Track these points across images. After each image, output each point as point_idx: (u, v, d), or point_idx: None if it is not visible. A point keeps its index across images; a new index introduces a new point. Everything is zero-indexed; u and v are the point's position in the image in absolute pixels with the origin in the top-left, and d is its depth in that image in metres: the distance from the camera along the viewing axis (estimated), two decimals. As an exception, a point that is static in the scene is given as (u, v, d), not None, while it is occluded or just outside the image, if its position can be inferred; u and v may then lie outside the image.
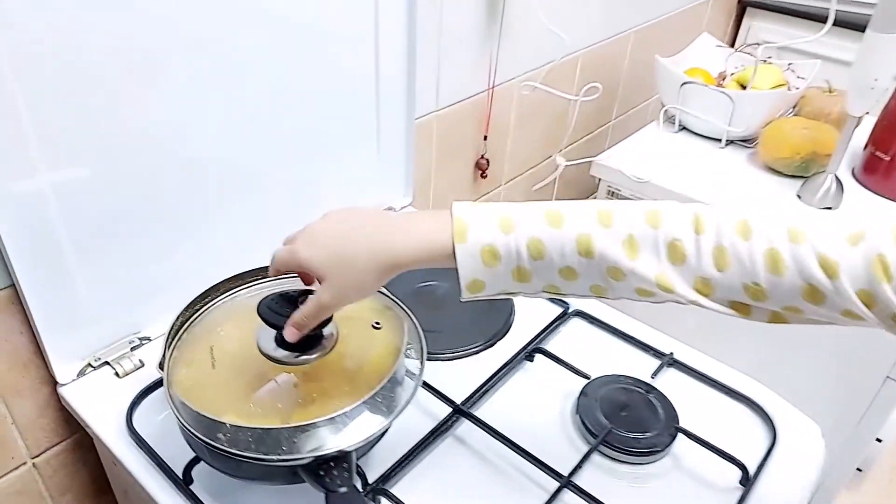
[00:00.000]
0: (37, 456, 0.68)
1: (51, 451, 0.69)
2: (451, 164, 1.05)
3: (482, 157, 1.08)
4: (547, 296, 0.49)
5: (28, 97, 0.52)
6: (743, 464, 0.60)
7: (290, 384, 0.55)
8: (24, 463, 0.67)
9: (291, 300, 0.52)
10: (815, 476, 0.63)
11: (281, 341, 0.53)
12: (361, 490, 0.56)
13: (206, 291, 0.61)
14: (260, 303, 0.52)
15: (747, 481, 0.60)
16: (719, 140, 1.20)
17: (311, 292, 0.51)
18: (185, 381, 0.55)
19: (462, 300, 0.49)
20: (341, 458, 0.48)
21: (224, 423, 0.49)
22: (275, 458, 0.47)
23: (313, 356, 0.54)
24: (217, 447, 0.48)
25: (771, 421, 0.66)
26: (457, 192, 1.10)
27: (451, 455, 0.62)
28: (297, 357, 0.53)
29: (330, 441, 0.50)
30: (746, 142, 1.21)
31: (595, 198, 1.19)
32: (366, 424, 0.51)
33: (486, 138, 1.06)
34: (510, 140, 1.15)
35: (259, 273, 0.64)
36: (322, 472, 0.46)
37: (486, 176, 1.10)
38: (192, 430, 0.49)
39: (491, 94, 1.01)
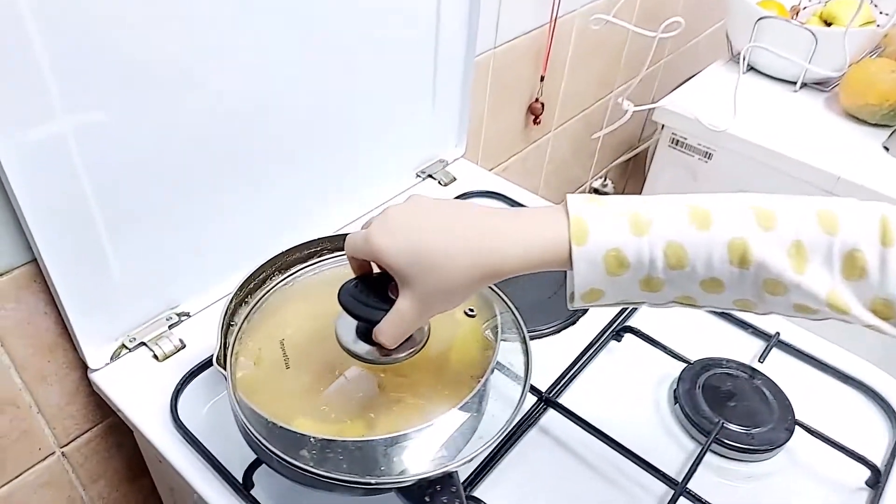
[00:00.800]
0: (66, 445, 0.60)
1: (81, 439, 0.61)
2: (504, 110, 0.94)
3: (536, 100, 0.97)
4: (675, 306, 0.40)
5: (50, 47, 0.42)
6: (874, 464, 0.53)
7: (371, 383, 0.47)
8: (53, 453, 0.60)
9: (377, 286, 0.43)
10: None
11: (364, 334, 0.44)
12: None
13: (259, 268, 0.52)
14: (340, 289, 0.43)
15: (877, 483, 0.53)
16: (793, 83, 1.09)
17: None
18: (247, 377, 0.47)
19: (570, 308, 0.40)
20: (447, 479, 0.40)
21: (307, 437, 0.41)
22: (372, 481, 0.40)
23: (403, 354, 0.45)
24: (301, 468, 0.40)
25: (892, 409, 0.59)
26: (507, 140, 0.99)
27: (536, 449, 0.55)
28: (384, 355, 0.44)
29: (430, 453, 0.42)
30: (821, 85, 1.10)
31: (656, 148, 1.08)
32: (469, 433, 0.43)
33: (542, 79, 0.95)
34: (564, 82, 1.04)
35: (318, 244, 0.55)
36: (427, 499, 0.38)
37: (539, 122, 1.00)
38: (266, 447, 0.41)
39: (552, 28, 0.89)
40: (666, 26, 0.83)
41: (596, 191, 1.36)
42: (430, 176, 0.81)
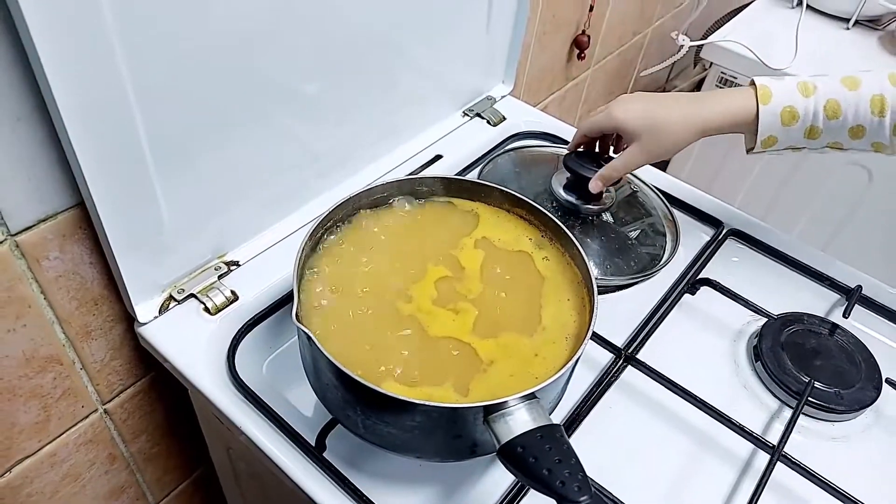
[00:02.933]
0: (108, 402, 0.57)
1: (123, 395, 0.58)
2: (551, 43, 0.88)
3: (583, 32, 0.90)
4: (827, 151, 0.54)
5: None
6: (967, 426, 0.51)
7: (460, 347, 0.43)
8: (95, 410, 0.56)
9: (595, 157, 0.60)
10: None
11: (574, 188, 0.60)
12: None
13: (328, 215, 0.47)
14: (566, 156, 0.60)
15: (970, 442, 0.51)
16: (845, 20, 1.03)
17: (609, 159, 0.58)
18: (323, 333, 0.43)
19: (750, 153, 0.56)
20: (556, 439, 0.36)
21: (405, 401, 0.37)
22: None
23: (598, 206, 0.60)
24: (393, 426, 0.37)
25: (981, 370, 0.57)
26: (549, 76, 0.93)
27: (617, 409, 0.52)
28: (584, 204, 0.60)
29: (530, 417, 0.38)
30: (874, 23, 1.04)
31: (700, 88, 1.02)
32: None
33: (591, 9, 0.88)
34: (608, 12, 0.97)
35: (385, 189, 0.50)
36: (546, 469, 0.35)
37: (583, 57, 0.93)
38: (344, 391, 0.38)
39: (607, -46, 0.82)
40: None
41: (624, 132, 1.30)
42: (479, 115, 0.75)
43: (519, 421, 0.38)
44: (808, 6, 1.06)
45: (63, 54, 0.36)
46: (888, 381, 0.54)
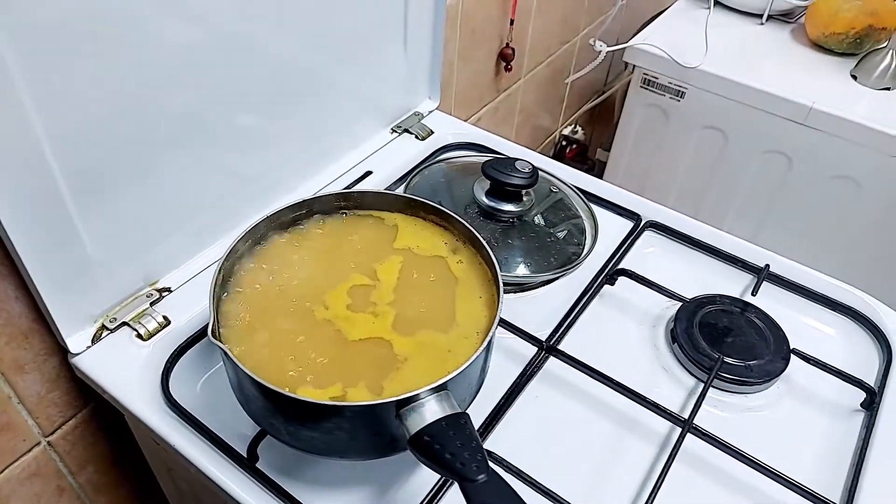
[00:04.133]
0: (51, 434, 0.58)
1: (66, 426, 0.59)
2: (474, 57, 0.91)
3: (507, 45, 0.94)
4: None
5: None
6: (869, 386, 0.55)
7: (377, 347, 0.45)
8: (38, 444, 0.57)
9: (510, 163, 0.63)
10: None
11: (494, 193, 0.64)
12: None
13: (245, 234, 0.49)
14: (484, 164, 0.63)
15: (872, 404, 0.55)
16: (759, 16, 1.08)
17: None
18: (240, 347, 0.45)
19: None
20: (460, 426, 0.39)
21: (317, 404, 0.39)
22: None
23: (516, 209, 0.64)
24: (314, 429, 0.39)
25: (882, 333, 0.60)
26: (477, 90, 0.97)
27: (540, 398, 0.55)
28: (505, 207, 0.64)
29: (441, 408, 0.41)
30: (787, 16, 1.09)
31: (626, 91, 1.07)
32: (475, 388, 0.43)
33: (512, 23, 0.92)
34: (531, 25, 1.01)
35: (299, 208, 0.53)
36: (449, 454, 0.37)
37: (510, 69, 0.97)
38: (273, 417, 0.40)
39: (520, -31, 0.86)
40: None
41: (566, 138, 1.35)
42: (407, 131, 0.78)
43: (428, 412, 0.40)
44: (721, 4, 1.12)
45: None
46: (794, 352, 0.57)
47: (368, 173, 0.72)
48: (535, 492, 0.47)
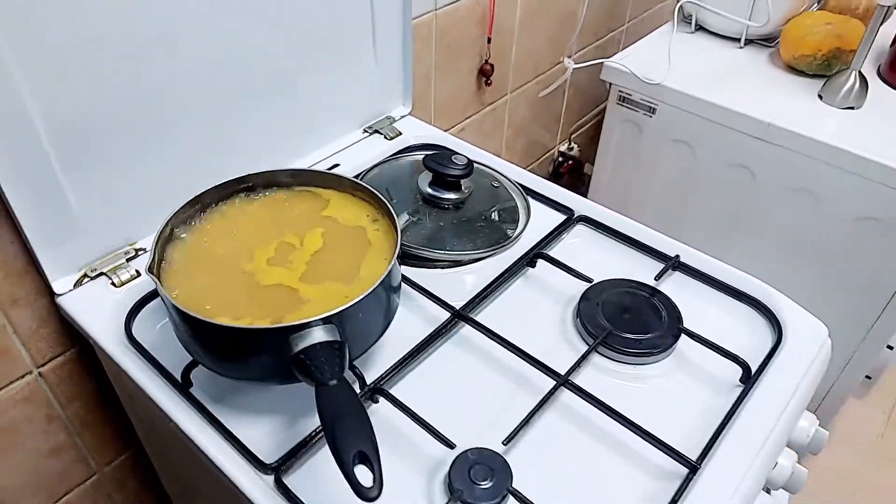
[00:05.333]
0: (42, 365, 0.68)
1: (55, 361, 0.70)
2: (453, 71, 1.01)
3: (486, 62, 1.03)
4: None
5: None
6: (745, 361, 0.59)
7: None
8: (30, 372, 0.68)
9: (448, 157, 0.72)
10: (818, 376, 0.62)
11: (435, 183, 0.73)
12: (360, 390, 0.56)
13: (194, 198, 0.59)
14: (424, 157, 0.72)
15: (748, 379, 0.59)
16: (738, 40, 1.14)
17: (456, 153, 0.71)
18: (178, 285, 0.54)
19: None
20: (333, 350, 0.47)
21: (219, 325, 0.48)
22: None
23: (454, 197, 0.73)
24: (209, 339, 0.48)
25: (777, 320, 0.65)
26: (460, 102, 1.06)
27: (450, 358, 0.62)
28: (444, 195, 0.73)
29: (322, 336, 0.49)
30: (767, 41, 1.14)
31: (606, 106, 1.14)
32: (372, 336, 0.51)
33: (489, 41, 1.01)
34: (515, 44, 1.10)
35: (245, 181, 0.62)
36: (314, 366, 0.45)
37: (490, 83, 1.06)
38: (185, 327, 0.49)
39: (493, -8, 0.95)
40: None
41: (563, 154, 1.42)
42: (377, 131, 0.88)
43: (312, 338, 0.48)
44: (704, 29, 1.17)
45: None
46: (685, 331, 0.63)
47: (336, 165, 0.82)
48: (417, 425, 0.54)
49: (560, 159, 1.42)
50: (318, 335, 0.48)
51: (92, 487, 0.81)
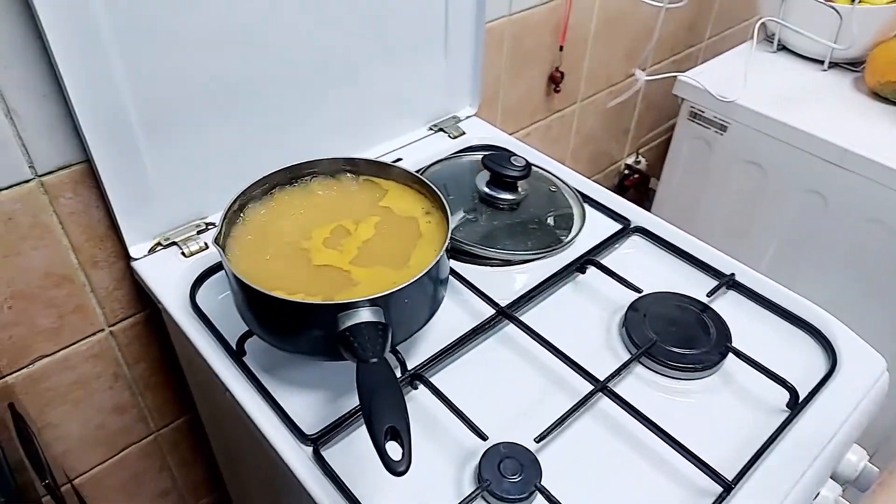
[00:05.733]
0: (113, 325, 0.74)
1: (126, 322, 0.75)
2: (523, 76, 1.02)
3: (556, 69, 1.04)
4: None
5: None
6: (793, 386, 0.58)
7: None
8: (102, 329, 0.73)
9: (507, 158, 0.73)
10: (872, 410, 0.60)
11: (492, 182, 0.74)
12: (400, 375, 0.58)
13: (262, 178, 0.63)
14: (483, 157, 0.74)
15: (795, 405, 0.58)
16: (821, 62, 1.10)
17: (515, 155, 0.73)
18: (240, 258, 0.58)
19: None
20: (377, 330, 0.49)
21: (273, 297, 0.51)
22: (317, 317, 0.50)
23: (510, 197, 0.74)
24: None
25: (832, 347, 0.63)
26: (528, 106, 1.07)
27: (491, 353, 0.63)
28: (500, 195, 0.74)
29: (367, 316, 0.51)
30: (853, 65, 1.10)
31: (676, 121, 1.12)
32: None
33: (561, 49, 1.01)
34: (589, 54, 1.10)
35: (312, 166, 0.65)
36: (357, 343, 0.47)
37: (559, 90, 1.06)
38: (242, 296, 0.52)
39: (570, 0, 0.96)
40: (671, -4, 0.88)
41: (630, 168, 1.40)
42: (442, 129, 0.90)
43: (359, 317, 0.50)
44: (787, 50, 1.14)
45: (69, 48, 0.55)
46: (732, 349, 0.61)
47: (399, 159, 0.84)
48: (453, 414, 0.55)
49: (626, 172, 1.40)
50: (364, 315, 0.51)
51: (148, 446, 0.86)
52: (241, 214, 0.62)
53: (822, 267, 1.01)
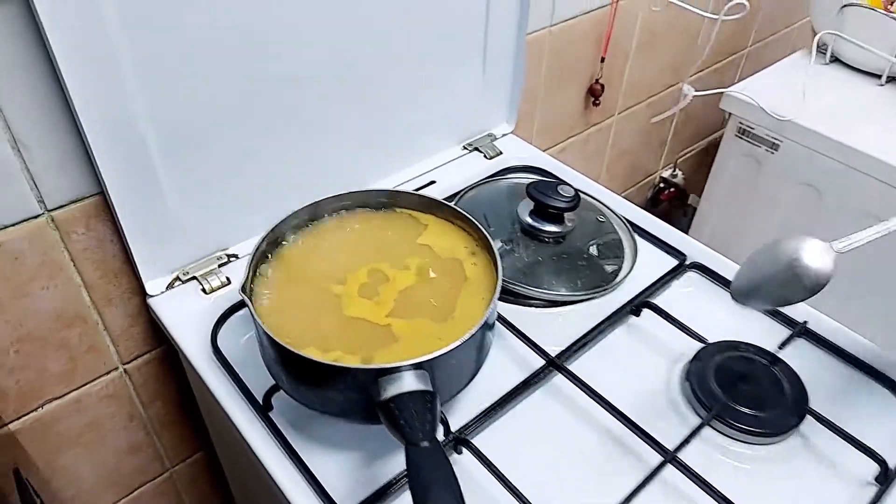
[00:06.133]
0: (128, 363, 0.69)
1: (141, 360, 0.70)
2: (561, 89, 0.96)
3: (596, 81, 0.97)
4: None
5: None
6: (883, 459, 0.52)
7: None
8: (116, 368, 0.68)
9: (553, 187, 0.67)
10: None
11: (537, 213, 0.68)
12: (443, 438, 0.52)
13: (290, 215, 0.57)
14: (528, 185, 0.68)
15: (886, 479, 0.52)
16: (878, 76, 1.03)
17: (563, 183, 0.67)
18: (268, 306, 0.52)
19: None
20: (424, 402, 0.43)
21: (308, 358, 0.46)
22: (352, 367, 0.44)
23: (556, 230, 0.68)
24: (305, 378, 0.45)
25: (922, 412, 0.56)
26: (565, 120, 1.00)
27: (540, 409, 0.57)
28: (545, 227, 0.68)
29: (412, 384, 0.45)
30: (912, 79, 1.03)
31: (722, 136, 1.06)
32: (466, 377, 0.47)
33: (603, 60, 0.95)
34: (629, 65, 1.03)
35: (342, 199, 0.60)
36: (403, 420, 0.42)
37: (598, 104, 1.00)
38: (272, 352, 0.47)
39: (614, 10, 0.89)
40: (729, 9, 0.81)
41: (665, 181, 1.34)
42: (477, 149, 0.84)
43: (403, 385, 0.45)
44: (840, 62, 1.07)
45: (82, 74, 0.49)
46: (810, 411, 0.55)
47: (432, 182, 0.79)
48: (503, 486, 0.50)
49: (661, 185, 1.34)
50: (409, 382, 0.45)
51: (163, 484, 0.81)
52: (269, 255, 0.56)
53: (884, 299, 0.95)
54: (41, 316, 0.59)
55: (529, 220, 0.69)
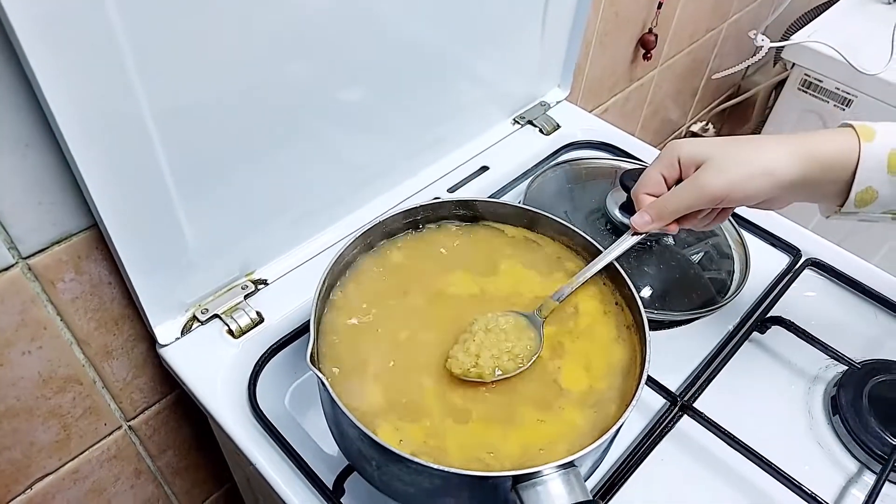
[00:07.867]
0: (133, 418, 0.55)
1: (149, 412, 0.56)
2: (613, 42, 0.82)
3: (650, 30, 0.84)
4: None
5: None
6: None
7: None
8: (119, 427, 0.54)
9: None
10: None
11: (632, 208, 0.47)
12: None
13: (353, 242, 0.44)
14: (623, 173, 0.54)
15: None
16: (953, 16, 0.92)
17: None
18: (341, 372, 0.39)
19: (832, 216, 0.44)
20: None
21: (418, 462, 0.33)
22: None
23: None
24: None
25: None
26: (610, 78, 0.87)
27: (675, 463, 0.47)
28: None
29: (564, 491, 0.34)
30: None
31: (778, 90, 0.94)
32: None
33: (660, 6, 0.81)
34: (679, 8, 0.89)
35: (416, 213, 0.46)
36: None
37: (650, 57, 0.86)
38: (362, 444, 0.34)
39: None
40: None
41: (694, 134, 1.22)
42: (531, 122, 0.70)
43: (552, 494, 0.33)
44: (907, 0, 0.95)
45: (65, 74, 0.33)
46: None
47: (484, 168, 0.65)
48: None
49: (688, 140, 1.22)
50: (559, 489, 0.33)
51: (179, 534, 0.69)
52: (331, 296, 0.43)
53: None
54: (24, 384, 0.45)
55: (621, 217, 0.56)
